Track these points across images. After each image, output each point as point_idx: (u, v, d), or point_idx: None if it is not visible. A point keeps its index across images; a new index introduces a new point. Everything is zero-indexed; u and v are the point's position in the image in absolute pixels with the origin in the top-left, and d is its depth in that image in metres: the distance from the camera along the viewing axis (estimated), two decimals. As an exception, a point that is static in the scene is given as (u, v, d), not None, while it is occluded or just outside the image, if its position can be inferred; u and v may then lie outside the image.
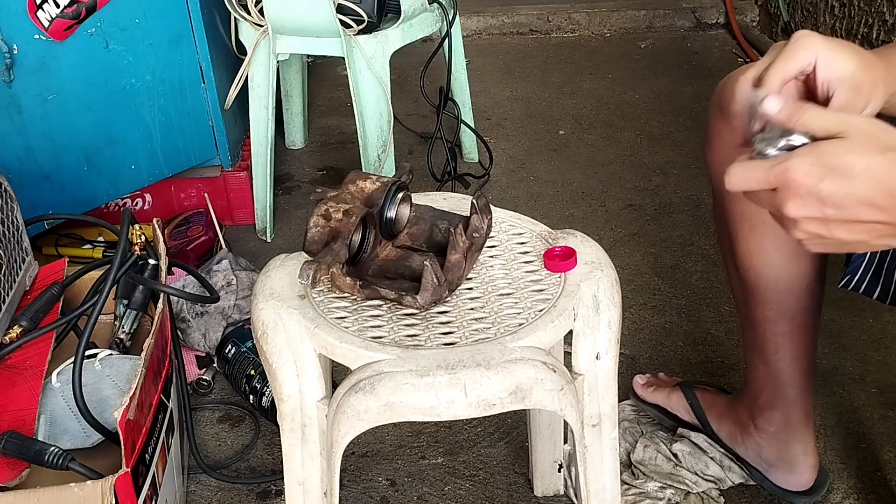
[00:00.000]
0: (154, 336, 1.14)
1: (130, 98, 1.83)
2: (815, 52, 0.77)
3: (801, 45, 0.78)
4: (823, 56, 0.78)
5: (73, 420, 1.17)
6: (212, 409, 1.56)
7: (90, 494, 0.99)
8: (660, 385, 1.46)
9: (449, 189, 2.09)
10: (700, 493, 1.33)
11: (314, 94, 2.71)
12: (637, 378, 1.48)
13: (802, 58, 0.78)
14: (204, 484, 1.40)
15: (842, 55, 0.78)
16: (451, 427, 1.49)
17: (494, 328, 0.90)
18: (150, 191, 2.01)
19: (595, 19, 3.25)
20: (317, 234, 0.94)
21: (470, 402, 0.83)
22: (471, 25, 3.20)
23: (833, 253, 0.70)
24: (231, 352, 1.55)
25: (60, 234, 1.87)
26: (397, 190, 1.00)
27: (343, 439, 0.88)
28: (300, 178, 2.34)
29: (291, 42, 1.85)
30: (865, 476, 1.37)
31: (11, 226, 1.28)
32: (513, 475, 1.40)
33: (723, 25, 3.21)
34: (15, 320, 1.22)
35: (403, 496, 1.37)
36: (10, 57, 1.63)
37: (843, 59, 0.78)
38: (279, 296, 0.95)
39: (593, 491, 1.03)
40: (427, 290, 0.90)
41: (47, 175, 1.76)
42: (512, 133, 2.52)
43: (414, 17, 1.87)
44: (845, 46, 0.79)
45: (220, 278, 1.66)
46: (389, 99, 1.86)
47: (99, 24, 1.72)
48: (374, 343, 0.88)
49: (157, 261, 1.30)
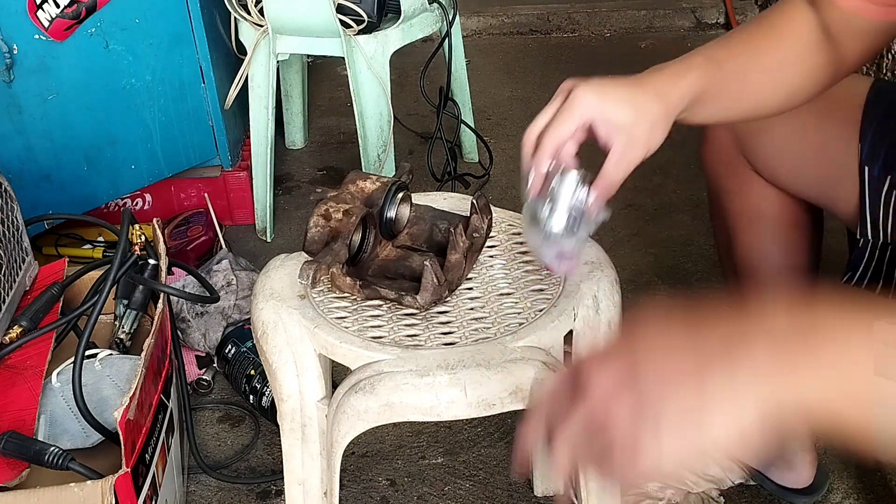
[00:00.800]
0: (154, 336, 1.14)
1: (130, 98, 1.83)
2: (589, 113, 0.84)
3: (575, 107, 0.84)
4: (598, 115, 0.84)
5: (73, 420, 1.17)
6: (212, 409, 1.56)
7: (90, 494, 0.99)
8: None
9: (449, 189, 2.09)
10: (700, 493, 1.33)
11: (314, 94, 2.71)
12: None
13: (576, 121, 0.85)
14: (204, 484, 1.40)
15: (616, 110, 0.84)
16: (451, 427, 1.49)
17: (494, 328, 0.90)
18: (150, 191, 2.01)
19: (595, 19, 3.25)
20: (317, 234, 0.94)
21: (470, 402, 0.83)
22: (471, 25, 3.20)
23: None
24: (231, 352, 1.55)
25: (60, 234, 1.87)
26: (397, 190, 1.00)
27: (343, 439, 0.88)
28: (300, 178, 2.34)
29: (291, 42, 1.85)
30: (865, 476, 1.37)
31: (11, 226, 1.28)
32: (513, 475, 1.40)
33: (723, 25, 3.21)
34: (15, 320, 1.22)
35: (403, 496, 1.37)
36: (10, 57, 1.63)
37: (618, 113, 0.84)
38: (279, 296, 0.95)
39: (593, 491, 1.03)
40: (427, 290, 0.90)
41: (47, 175, 1.76)
42: (512, 133, 2.52)
43: (414, 17, 1.87)
44: (620, 100, 0.85)
45: (220, 278, 1.66)
46: (389, 99, 1.86)
47: (99, 24, 1.72)
48: (374, 343, 0.88)
49: (157, 261, 1.30)
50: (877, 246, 1.05)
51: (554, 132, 0.85)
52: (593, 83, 0.86)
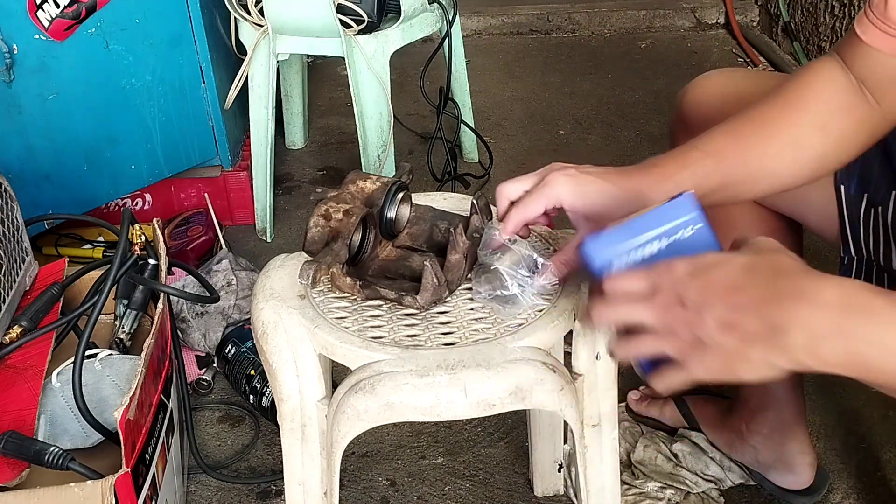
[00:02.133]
0: (154, 336, 1.14)
1: (130, 98, 1.83)
2: (558, 197, 0.87)
3: (547, 191, 0.87)
4: (569, 200, 0.86)
5: (73, 420, 1.17)
6: (212, 409, 1.56)
7: (90, 494, 0.99)
8: (654, 398, 1.46)
9: (449, 189, 2.09)
10: (700, 493, 1.33)
11: (314, 94, 2.71)
12: (630, 394, 1.48)
13: (545, 204, 0.87)
14: (204, 484, 1.40)
15: (588, 197, 0.86)
16: (451, 427, 1.49)
17: (494, 328, 0.90)
18: (150, 191, 2.01)
19: (595, 19, 3.25)
20: (317, 234, 0.94)
21: (470, 403, 0.83)
22: (471, 25, 3.20)
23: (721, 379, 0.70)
24: (231, 352, 1.55)
25: (60, 234, 1.87)
26: (397, 190, 0.99)
27: (343, 439, 0.88)
28: (300, 178, 2.34)
29: (291, 42, 1.85)
30: (865, 476, 1.37)
31: (11, 226, 1.28)
32: (513, 475, 1.40)
33: (723, 25, 3.21)
34: (15, 320, 1.22)
35: (403, 496, 1.37)
36: (10, 57, 1.63)
37: (589, 199, 0.86)
38: (279, 296, 0.95)
39: (593, 491, 1.03)
40: (427, 290, 0.90)
41: (47, 175, 1.76)
42: (512, 133, 2.52)
43: (414, 17, 1.87)
44: (594, 192, 0.86)
45: (220, 278, 1.66)
46: (389, 99, 1.86)
47: (99, 24, 1.72)
48: (374, 343, 0.88)
49: (157, 261, 1.30)
50: (863, 262, 1.04)
51: (524, 210, 0.89)
52: (572, 172, 0.88)
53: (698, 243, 0.76)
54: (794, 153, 0.91)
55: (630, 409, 1.47)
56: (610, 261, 0.77)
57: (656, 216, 0.77)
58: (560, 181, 0.87)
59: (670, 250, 0.76)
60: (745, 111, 0.92)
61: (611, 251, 0.77)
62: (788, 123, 0.90)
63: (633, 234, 0.76)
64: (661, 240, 0.76)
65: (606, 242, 0.77)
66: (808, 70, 0.93)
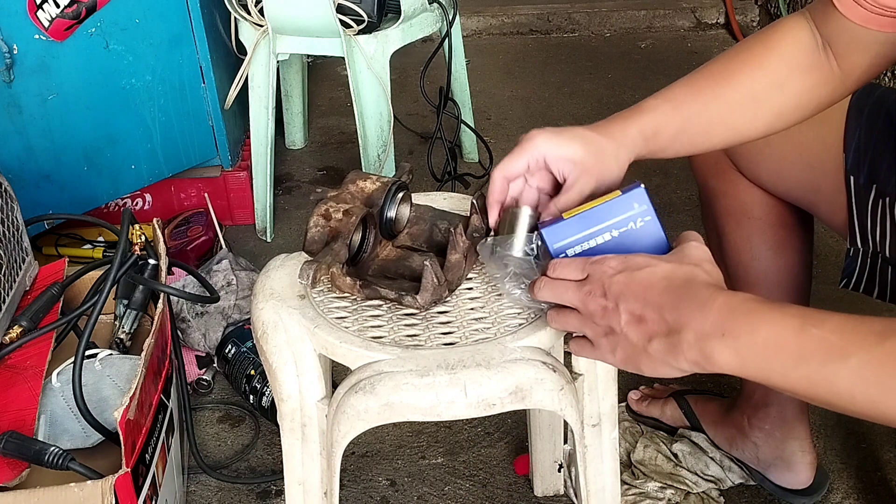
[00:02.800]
0: (154, 336, 1.14)
1: (130, 98, 1.83)
2: (541, 150, 0.90)
3: (526, 145, 0.91)
4: (550, 150, 0.90)
5: (73, 420, 1.17)
6: (212, 409, 1.57)
7: (90, 494, 0.99)
8: (654, 397, 1.46)
9: (449, 189, 2.09)
10: (700, 493, 1.33)
11: (314, 94, 2.71)
12: (631, 394, 1.48)
13: (526, 158, 0.91)
14: (204, 484, 1.40)
15: (567, 145, 0.89)
16: (451, 427, 1.49)
17: (494, 328, 0.90)
18: (150, 191, 2.01)
19: (595, 19, 3.25)
20: (317, 234, 0.94)
21: (470, 402, 0.83)
22: (471, 25, 3.20)
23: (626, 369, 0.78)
24: (231, 352, 1.55)
25: (60, 234, 1.87)
26: (397, 190, 0.99)
27: (343, 439, 0.88)
28: (300, 178, 2.34)
29: (291, 42, 1.85)
30: (865, 476, 1.37)
31: (11, 226, 1.28)
32: (513, 475, 1.40)
33: (723, 25, 3.22)
34: (15, 320, 1.22)
35: (403, 496, 1.37)
36: (10, 57, 1.63)
37: (569, 148, 0.89)
38: (279, 296, 0.95)
39: (593, 491, 1.03)
40: (427, 290, 0.90)
41: (47, 175, 1.76)
42: (512, 133, 2.52)
43: (414, 17, 1.87)
44: (569, 138, 0.90)
45: (220, 278, 1.66)
46: (389, 99, 1.86)
47: (99, 24, 1.72)
48: (374, 343, 0.88)
49: (157, 261, 1.30)
50: (868, 254, 1.04)
51: (505, 165, 0.92)
52: (547, 129, 0.92)
53: (646, 234, 0.85)
54: (750, 108, 0.94)
55: (630, 409, 1.47)
56: (564, 249, 0.85)
57: (609, 208, 0.85)
58: (539, 135, 0.91)
59: (620, 239, 0.85)
60: (707, 64, 0.98)
61: (566, 241, 0.85)
62: (748, 78, 0.94)
63: (587, 227, 0.85)
64: (611, 231, 0.85)
65: (563, 232, 0.85)
66: (776, 27, 0.96)
